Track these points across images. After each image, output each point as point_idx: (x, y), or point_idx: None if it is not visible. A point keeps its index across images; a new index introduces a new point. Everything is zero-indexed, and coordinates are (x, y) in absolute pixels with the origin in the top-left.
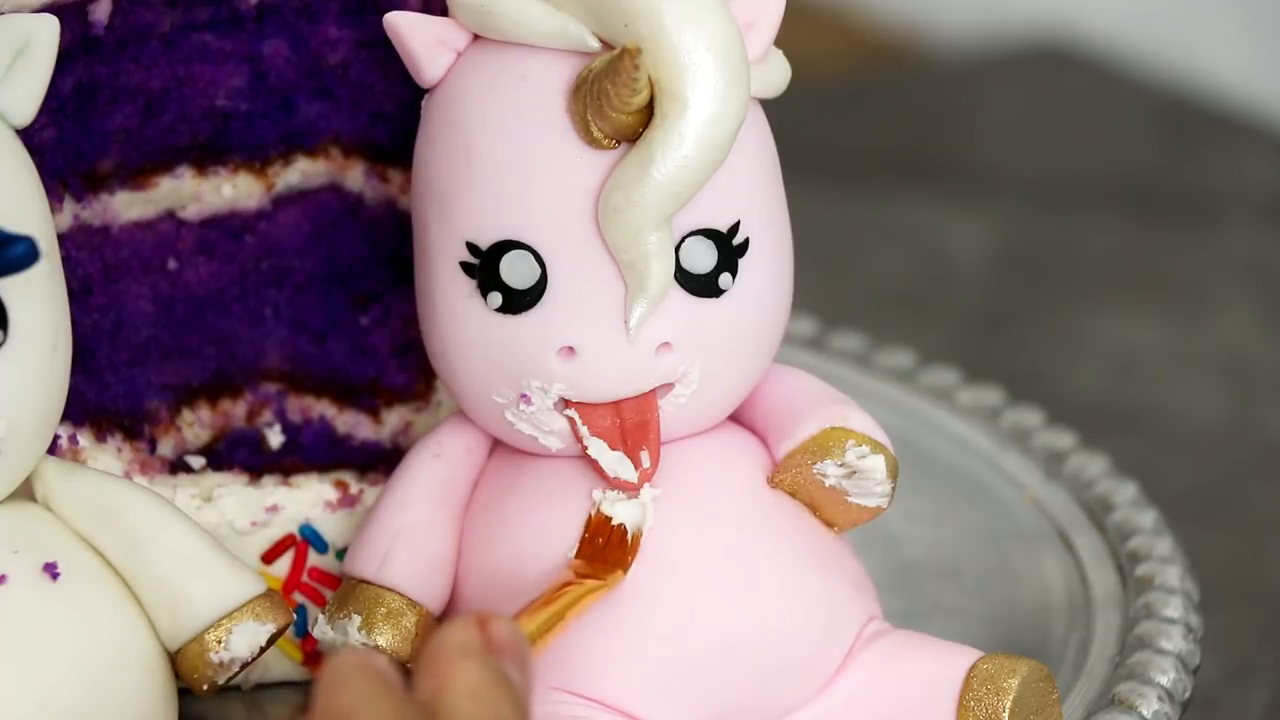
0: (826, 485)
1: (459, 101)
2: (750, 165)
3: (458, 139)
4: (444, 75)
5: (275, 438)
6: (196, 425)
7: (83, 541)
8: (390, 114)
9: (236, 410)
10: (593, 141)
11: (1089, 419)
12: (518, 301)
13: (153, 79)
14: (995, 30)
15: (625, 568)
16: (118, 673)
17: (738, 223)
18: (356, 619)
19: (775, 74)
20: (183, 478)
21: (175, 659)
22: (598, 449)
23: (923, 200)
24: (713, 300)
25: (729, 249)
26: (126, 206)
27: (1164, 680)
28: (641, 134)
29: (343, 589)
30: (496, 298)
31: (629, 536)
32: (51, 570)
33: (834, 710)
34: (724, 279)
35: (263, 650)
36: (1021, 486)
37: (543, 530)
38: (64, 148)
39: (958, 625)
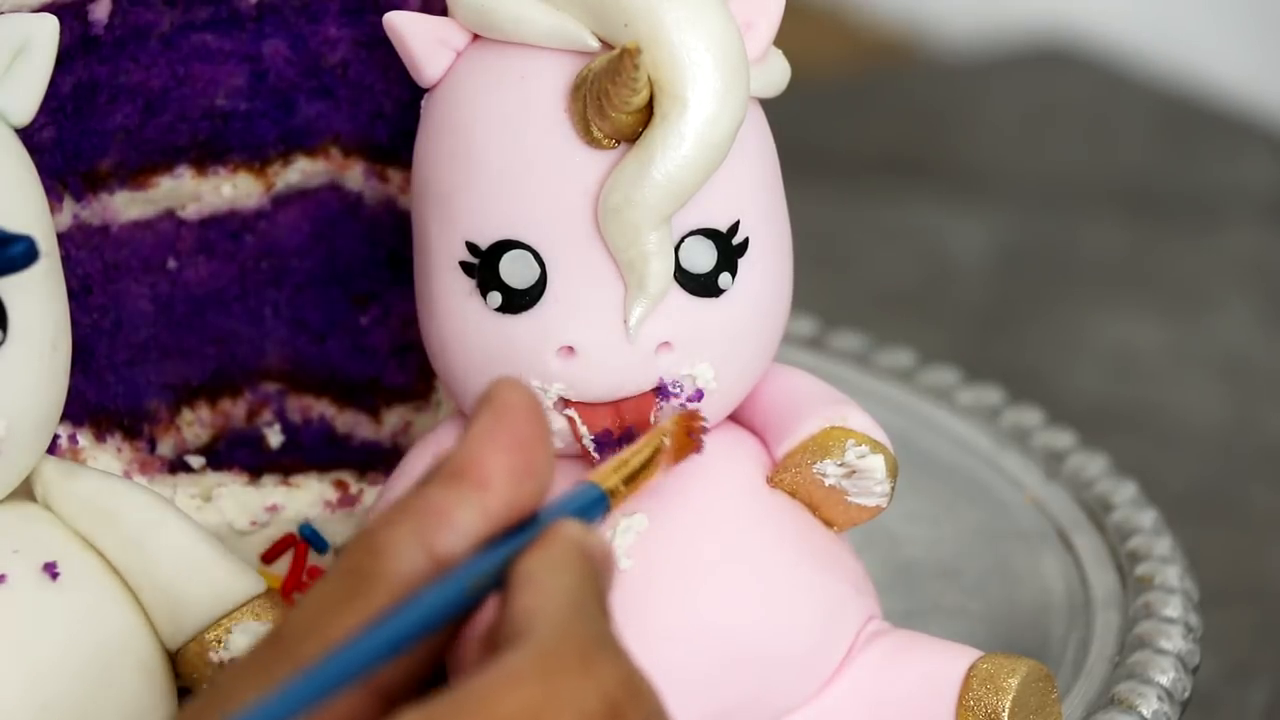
0: (826, 485)
1: (459, 101)
2: (750, 165)
3: (458, 139)
4: (444, 75)
5: (275, 437)
6: (196, 425)
7: (83, 541)
8: (390, 114)
9: (236, 410)
10: (593, 141)
11: (1089, 419)
12: (517, 301)
13: (152, 79)
14: (995, 30)
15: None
16: (118, 673)
17: (737, 222)
18: None
19: (775, 74)
20: (182, 477)
21: (175, 659)
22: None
23: (923, 200)
24: (712, 300)
25: (729, 249)
26: (126, 206)
27: (1164, 680)
28: (641, 134)
29: None
30: (496, 297)
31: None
32: (51, 570)
33: (833, 709)
34: (724, 279)
35: None
36: (1021, 486)
37: None
38: (64, 147)
39: (957, 625)
